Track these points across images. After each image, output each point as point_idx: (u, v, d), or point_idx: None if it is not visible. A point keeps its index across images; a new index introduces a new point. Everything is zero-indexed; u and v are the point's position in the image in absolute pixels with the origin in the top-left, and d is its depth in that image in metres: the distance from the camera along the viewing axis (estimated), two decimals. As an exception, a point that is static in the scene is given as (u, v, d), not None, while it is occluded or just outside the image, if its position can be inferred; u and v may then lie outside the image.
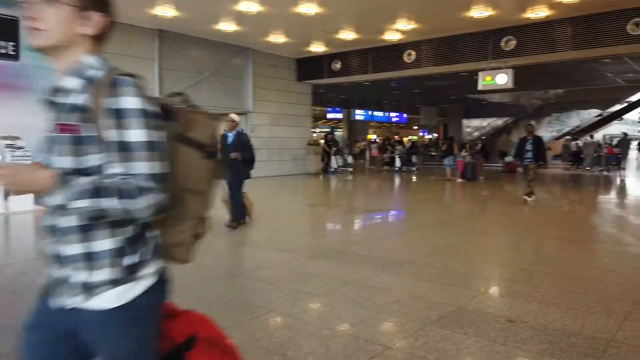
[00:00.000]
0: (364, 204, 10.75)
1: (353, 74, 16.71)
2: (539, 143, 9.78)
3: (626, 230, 7.27)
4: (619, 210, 9.75)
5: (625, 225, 7.73)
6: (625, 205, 10.63)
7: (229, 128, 6.59)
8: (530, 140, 9.71)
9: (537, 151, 9.55)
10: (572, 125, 27.01)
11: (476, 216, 8.56)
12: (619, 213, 9.25)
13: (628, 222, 8.04)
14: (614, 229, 7.29)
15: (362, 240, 6.19)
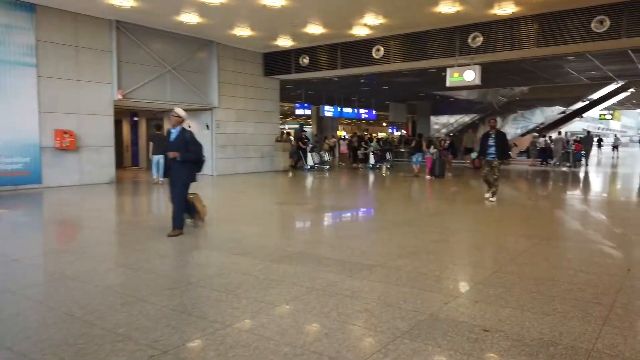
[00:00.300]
0: (333, 202, 10.49)
1: (321, 69, 16.42)
2: (502, 138, 9.45)
3: (594, 227, 7.25)
4: (585, 206, 9.81)
5: (593, 222, 7.72)
6: (592, 202, 10.73)
7: (172, 124, 6.01)
8: (493, 135, 9.37)
9: (500, 147, 9.26)
10: (537, 122, 27.56)
11: (445, 214, 8.42)
12: (585, 209, 9.30)
13: (595, 219, 8.04)
14: (582, 226, 7.26)
15: (329, 241, 5.91)
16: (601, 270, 4.52)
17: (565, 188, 13.66)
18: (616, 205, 10.02)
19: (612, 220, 7.85)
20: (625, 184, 15.01)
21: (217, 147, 16.23)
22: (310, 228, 7.28)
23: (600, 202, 10.56)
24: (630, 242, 6.04)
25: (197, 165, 6.10)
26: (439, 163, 15.83)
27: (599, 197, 11.60)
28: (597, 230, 6.84)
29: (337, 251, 5.28)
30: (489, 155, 9.32)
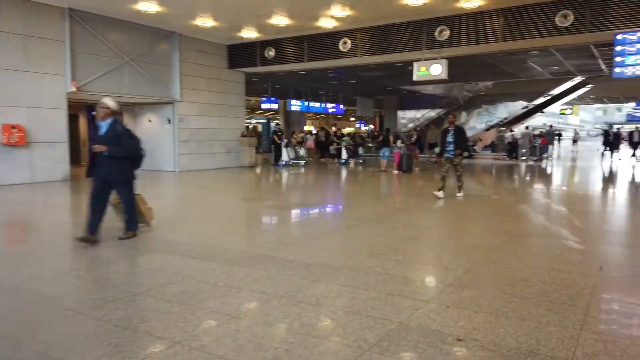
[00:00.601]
0: (301, 199, 10.19)
1: (288, 62, 16.04)
2: (461, 134, 9.24)
3: (562, 221, 7.21)
4: (552, 200, 9.85)
5: (560, 217, 7.70)
6: (558, 195, 10.82)
7: (101, 116, 5.34)
8: (451, 131, 9.12)
9: (459, 143, 9.03)
10: (501, 117, 28.00)
11: (413, 210, 8.25)
12: (552, 203, 9.33)
13: (562, 213, 8.04)
14: (549, 221, 7.21)
15: (294, 242, 5.61)
16: (573, 268, 4.40)
17: (532, 182, 13.80)
18: (582, 199, 10.12)
19: (579, 214, 7.86)
20: (588, 177, 15.32)
21: (179, 142, 15.65)
22: (276, 227, 6.96)
23: (565, 196, 10.65)
24: (598, 236, 6.00)
25: (134, 161, 5.46)
26: (406, 158, 15.75)
27: (564, 191, 11.73)
28: (565, 225, 6.80)
29: (303, 252, 4.99)
30: (447, 151, 9.07)
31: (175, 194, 10.82)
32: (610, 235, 5.98)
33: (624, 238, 5.92)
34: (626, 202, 9.59)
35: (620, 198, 10.36)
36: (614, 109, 75.41)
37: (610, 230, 6.34)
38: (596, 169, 17.59)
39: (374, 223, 6.80)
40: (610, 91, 31.33)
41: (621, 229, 6.49)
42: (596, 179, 14.33)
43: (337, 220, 7.33)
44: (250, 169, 17.00)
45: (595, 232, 6.32)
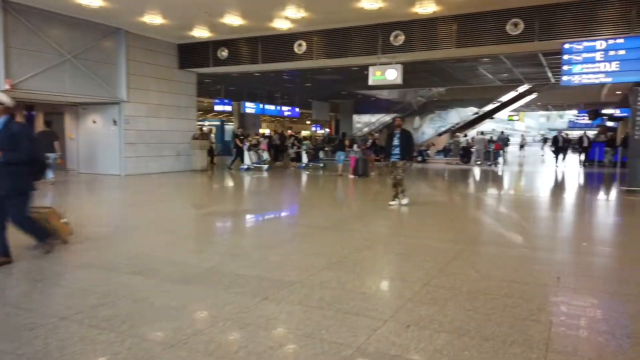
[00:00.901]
0: (254, 205, 9.80)
1: (241, 63, 15.61)
2: (407, 138, 8.75)
3: (516, 228, 7.22)
4: (507, 206, 9.95)
5: (514, 223, 7.73)
6: (511, 200, 10.96)
7: None
8: (397, 135, 8.70)
9: (404, 147, 8.56)
10: (453, 122, 28.60)
11: (369, 216, 8.06)
12: (507, 209, 9.40)
13: (517, 219, 8.08)
14: (504, 228, 7.20)
15: (245, 254, 5.25)
16: (532, 279, 4.30)
17: (487, 187, 14.01)
18: (535, 204, 10.28)
19: (533, 220, 7.93)
20: (540, 182, 15.75)
21: (125, 145, 14.86)
22: (227, 237, 6.56)
23: (520, 201, 10.81)
24: (553, 244, 5.99)
25: (34, 169, 4.61)
26: (362, 162, 15.67)
27: (518, 196, 11.93)
28: (520, 232, 6.79)
29: (254, 265, 4.65)
30: (393, 156, 8.68)
31: (118, 201, 10.16)
32: (565, 242, 6.00)
33: (578, 245, 5.94)
34: (578, 208, 9.82)
35: (572, 203, 10.63)
36: (556, 116, 79.23)
37: (564, 237, 6.37)
38: (547, 173, 18.17)
39: (329, 230, 6.55)
40: (554, 98, 32.73)
41: (575, 235, 6.55)
42: (548, 184, 14.73)
43: (292, 228, 7.02)
44: (203, 172, 16.41)
45: (550, 239, 6.34)
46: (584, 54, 11.61)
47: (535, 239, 6.32)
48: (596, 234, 6.90)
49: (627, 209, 9.44)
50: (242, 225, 7.37)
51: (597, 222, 7.93)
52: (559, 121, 78.26)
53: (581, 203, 10.64)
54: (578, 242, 6.12)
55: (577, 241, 6.19)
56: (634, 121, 11.10)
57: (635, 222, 7.95)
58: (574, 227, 7.39)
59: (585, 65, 11.65)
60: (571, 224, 7.69)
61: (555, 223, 7.77)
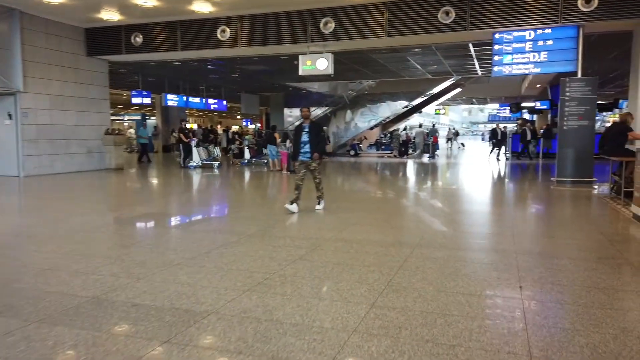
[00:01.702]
0: (172, 209, 8.65)
1: (158, 51, 14.21)
2: (317, 131, 7.37)
3: (461, 227, 6.73)
4: (445, 201, 9.55)
5: (463, 221, 7.26)
6: (451, 196, 10.62)
7: None
8: (306, 129, 7.21)
9: (315, 141, 7.18)
10: (384, 115, 28.48)
11: (300, 218, 7.24)
12: (446, 205, 8.98)
13: (460, 217, 7.62)
14: (452, 227, 6.68)
15: (148, 274, 4.23)
16: (492, 290, 3.69)
17: (424, 181, 13.70)
18: (473, 199, 9.99)
19: (475, 217, 7.51)
20: (473, 174, 15.76)
21: (24, 142, 13.02)
22: (130, 250, 5.46)
23: (457, 196, 10.50)
24: (505, 244, 5.50)
25: None
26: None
27: (455, 190, 11.65)
28: (465, 231, 6.29)
29: (157, 290, 3.68)
30: (303, 154, 7.19)
31: (7, 207, 8.61)
32: (517, 241, 5.53)
33: (532, 245, 5.49)
34: (518, 201, 9.64)
35: (510, 197, 10.47)
36: (477, 110, 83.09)
37: (516, 236, 5.91)
38: (482, 166, 18.35)
39: (257, 238, 5.66)
40: (479, 92, 33.75)
41: (527, 234, 6.14)
42: (483, 177, 14.72)
43: (212, 236, 6.03)
44: (118, 171, 14.82)
45: (498, 238, 5.86)
46: (514, 44, 11.52)
47: (483, 238, 5.82)
48: (543, 230, 6.56)
49: (561, 200, 9.38)
50: (153, 234, 6.28)
51: (539, 217, 7.67)
52: (480, 115, 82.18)
53: (518, 196, 10.51)
54: (530, 242, 5.68)
55: (529, 241, 5.76)
56: (562, 112, 11.16)
57: (575, 214, 7.78)
58: (518, 222, 7.03)
59: (516, 55, 11.58)
60: (514, 219, 7.34)
61: (499, 219, 7.40)
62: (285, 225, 6.49)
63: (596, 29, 11.08)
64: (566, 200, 9.26)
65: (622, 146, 8.07)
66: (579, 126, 11.01)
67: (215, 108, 24.97)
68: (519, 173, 15.40)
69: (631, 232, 6.08)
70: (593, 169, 11.08)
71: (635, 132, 8.00)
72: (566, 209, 8.07)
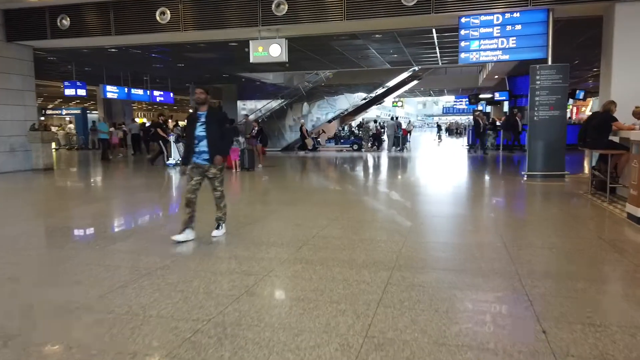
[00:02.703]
0: (97, 217, 7.24)
1: (90, 35, 12.57)
2: (218, 122, 5.17)
3: (446, 239, 5.78)
4: (420, 200, 8.62)
5: (440, 230, 6.31)
6: (424, 195, 9.72)
7: None
8: (202, 119, 5.08)
9: (216, 139, 5.09)
10: (342, 108, 27.55)
11: (258, 228, 6.09)
12: (419, 207, 8.05)
13: (439, 225, 6.69)
14: (428, 238, 5.72)
15: (20, 334, 2.98)
16: (512, 342, 2.69)
17: (395, 177, 12.79)
18: (449, 199, 9.12)
19: (459, 223, 6.60)
20: (445, 169, 15.02)
21: None
22: (10, 288, 4.13)
23: (432, 194, 9.61)
24: (500, 260, 4.53)
25: None
26: (249, 154, 13.63)
27: (426, 187, 10.78)
28: (452, 244, 5.34)
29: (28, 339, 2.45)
30: (197, 155, 5.15)
31: None
32: (514, 256, 4.59)
33: (533, 260, 4.56)
34: (503, 202, 8.84)
35: (494, 195, 9.69)
36: (432, 103, 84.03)
37: (509, 248, 4.97)
38: (452, 160, 17.69)
39: (194, 260, 4.47)
40: (436, 84, 33.42)
41: (521, 245, 5.24)
42: (458, 172, 13.96)
43: (134, 259, 4.76)
44: (47, 172, 13.09)
45: (495, 254, 4.89)
46: (482, 28, 10.75)
47: (472, 253, 4.85)
48: (536, 237, 5.71)
49: (539, 197, 8.67)
50: (55, 258, 4.92)
51: (524, 220, 6.86)
52: (435, 108, 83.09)
53: (493, 193, 9.74)
54: (525, 254, 4.77)
55: (522, 252, 4.84)
56: (532, 101, 10.49)
57: (562, 215, 7.01)
58: (504, 228, 6.16)
59: (483, 41, 10.81)
60: (497, 224, 6.48)
61: (481, 224, 6.50)
62: (236, 240, 5.30)
63: (567, 13, 10.44)
64: (544, 197, 8.56)
65: (605, 138, 7.37)
66: (550, 117, 10.38)
67: (162, 101, 23.23)
68: (485, 166, 14.80)
69: (632, 237, 5.31)
70: (564, 162, 10.51)
71: (619, 122, 7.31)
72: (550, 209, 7.30)
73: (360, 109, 32.29)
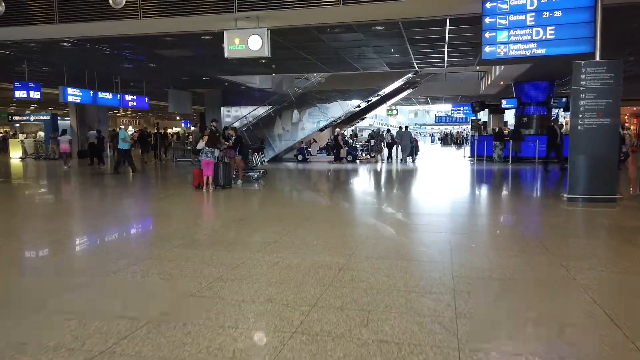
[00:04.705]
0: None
1: (30, 23, 10.29)
2: None
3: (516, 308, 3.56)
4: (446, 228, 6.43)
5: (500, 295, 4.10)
6: (449, 215, 7.52)
7: None
8: None
9: None
10: (335, 116, 25.42)
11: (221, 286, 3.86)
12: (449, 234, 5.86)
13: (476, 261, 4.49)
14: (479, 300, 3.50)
15: None
16: None
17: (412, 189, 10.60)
18: (486, 225, 6.92)
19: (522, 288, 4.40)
20: (466, 183, 12.87)
21: None
22: None
23: (458, 214, 7.41)
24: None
25: None
26: (224, 168, 11.35)
27: (453, 203, 8.58)
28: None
29: None
30: None
31: None
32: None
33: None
34: (562, 243, 6.64)
35: (546, 232, 7.50)
36: (424, 112, 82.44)
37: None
38: (480, 174, 15.58)
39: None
40: (434, 91, 31.40)
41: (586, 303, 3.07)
42: (494, 192, 11.82)
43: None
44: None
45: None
46: (512, 16, 8.62)
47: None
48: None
49: (576, 230, 6.49)
50: None
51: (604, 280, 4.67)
52: (427, 117, 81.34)
53: (544, 229, 7.55)
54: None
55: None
56: (576, 107, 8.36)
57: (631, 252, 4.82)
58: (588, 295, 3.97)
59: (513, 31, 8.68)
60: (574, 283, 4.28)
61: (562, 285, 4.30)
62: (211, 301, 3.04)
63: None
64: (589, 233, 6.41)
65: None
66: (598, 125, 8.25)
67: (134, 106, 20.89)
68: (510, 182, 12.69)
69: None
70: (617, 182, 8.40)
71: None
72: (593, 255, 5.13)
73: (353, 118, 30.18)
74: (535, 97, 21.35)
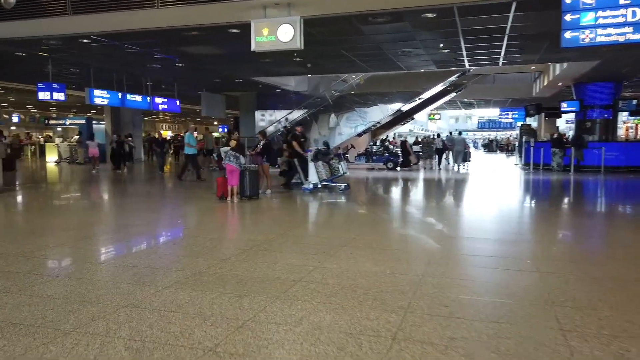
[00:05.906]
0: None
1: (43, 16, 9.42)
2: None
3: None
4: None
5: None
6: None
7: None
8: None
9: None
10: (374, 120, 23.93)
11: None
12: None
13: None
14: None
15: None
16: None
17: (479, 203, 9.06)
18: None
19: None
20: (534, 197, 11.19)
21: None
22: None
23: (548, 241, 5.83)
24: None
25: None
26: (251, 176, 10.10)
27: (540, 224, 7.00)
28: None
29: None
30: None
31: None
32: None
33: None
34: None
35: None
36: (465, 117, 79.35)
37: None
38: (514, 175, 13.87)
39: None
40: (481, 94, 29.27)
41: None
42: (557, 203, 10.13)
43: None
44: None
45: None
46: (601, -7, 6.97)
47: None
48: None
49: None
50: None
51: None
52: (469, 122, 78.19)
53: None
54: None
55: None
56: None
57: None
58: None
59: (602, 12, 7.01)
60: None
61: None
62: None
63: None
64: None
65: None
66: None
67: (165, 109, 20.11)
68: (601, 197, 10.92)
69: None
70: None
71: None
72: None
73: (394, 122, 28.53)
74: (600, 99, 19.16)
